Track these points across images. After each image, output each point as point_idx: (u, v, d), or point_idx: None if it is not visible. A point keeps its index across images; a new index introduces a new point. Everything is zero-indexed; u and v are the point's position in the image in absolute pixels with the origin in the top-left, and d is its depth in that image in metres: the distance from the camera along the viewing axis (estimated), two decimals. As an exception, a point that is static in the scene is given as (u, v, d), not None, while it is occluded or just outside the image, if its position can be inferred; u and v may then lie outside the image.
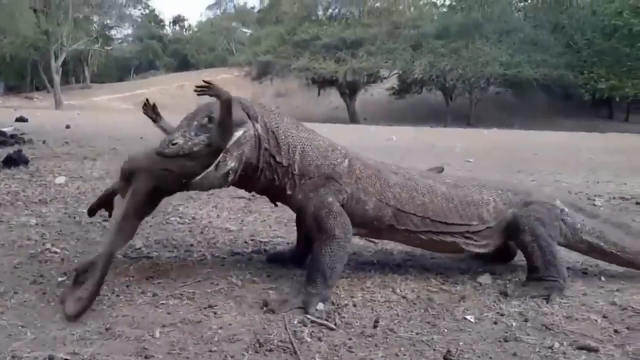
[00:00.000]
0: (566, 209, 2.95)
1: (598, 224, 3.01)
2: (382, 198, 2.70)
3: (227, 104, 2.35)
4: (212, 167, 2.34)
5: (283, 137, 2.57)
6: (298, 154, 2.59)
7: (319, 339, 2.13)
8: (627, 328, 2.33)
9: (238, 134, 2.41)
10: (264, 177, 2.58)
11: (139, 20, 61.55)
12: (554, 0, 34.88)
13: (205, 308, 2.40)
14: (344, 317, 2.35)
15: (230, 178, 2.42)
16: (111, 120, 19.70)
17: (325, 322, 2.27)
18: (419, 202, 2.75)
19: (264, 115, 2.56)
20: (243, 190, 2.78)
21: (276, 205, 2.81)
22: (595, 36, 31.76)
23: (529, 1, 40.60)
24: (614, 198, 5.85)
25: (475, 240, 2.87)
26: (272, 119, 2.58)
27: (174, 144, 2.35)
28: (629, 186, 6.94)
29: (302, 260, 3.08)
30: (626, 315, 2.50)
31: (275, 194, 2.69)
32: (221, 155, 2.36)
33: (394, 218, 2.74)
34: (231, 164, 2.38)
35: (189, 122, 2.44)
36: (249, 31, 62.23)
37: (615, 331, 2.30)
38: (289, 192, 2.61)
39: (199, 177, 2.35)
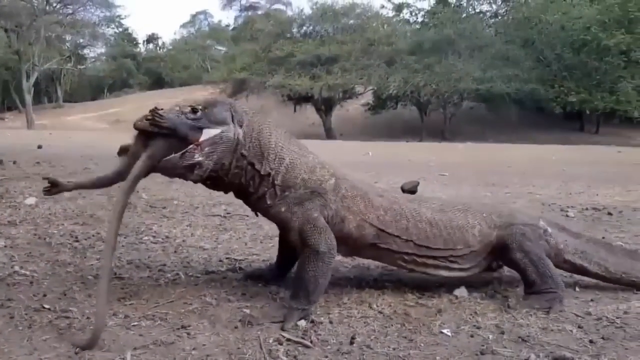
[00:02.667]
0: (549, 229, 2.98)
1: (581, 244, 3.04)
2: (366, 218, 2.69)
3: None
4: (178, 154, 2.34)
5: (273, 147, 2.55)
6: (285, 166, 2.56)
7: (295, 358, 2.10)
8: (602, 338, 2.34)
9: (215, 132, 2.40)
10: (238, 182, 2.55)
11: (112, 38, 61.11)
12: (524, 16, 35.55)
13: (179, 329, 2.35)
14: (320, 334, 2.32)
15: (197, 172, 2.40)
16: (84, 140, 19.46)
17: (301, 340, 2.24)
18: (403, 226, 2.74)
19: (255, 123, 2.55)
20: (217, 209, 2.75)
21: (257, 215, 2.77)
22: (565, 51, 32.43)
23: (500, 17, 41.39)
24: (587, 209, 5.94)
25: (459, 264, 2.87)
26: (264, 128, 2.57)
27: (147, 119, 2.35)
28: (601, 197, 7.06)
29: (281, 277, 3.06)
30: (601, 325, 2.51)
31: (254, 203, 2.65)
32: (191, 146, 2.35)
33: (377, 238, 2.72)
34: (198, 157, 2.37)
35: (172, 107, 2.44)
36: (223, 49, 62.38)
37: (591, 341, 2.30)
38: (268, 202, 2.58)
39: (165, 159, 2.34)
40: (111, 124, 39.95)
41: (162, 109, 2.39)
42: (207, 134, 2.39)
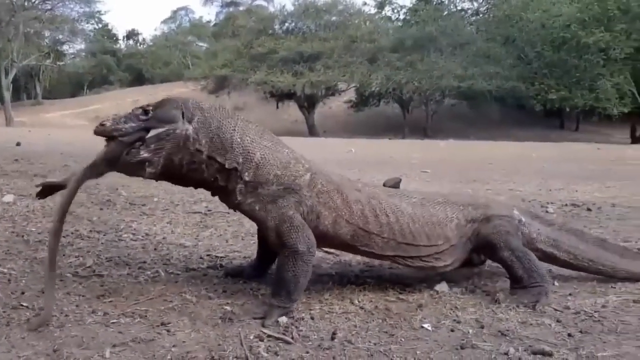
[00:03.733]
0: (523, 219, 3.01)
1: (553, 232, 3.08)
2: (342, 214, 2.67)
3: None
4: (124, 152, 2.41)
5: (238, 141, 2.51)
6: (255, 162, 2.52)
7: (276, 354, 2.09)
8: (580, 331, 2.36)
9: (160, 129, 2.43)
10: (200, 177, 2.53)
11: (92, 34, 60.37)
12: (505, 14, 35.83)
13: (158, 326, 2.32)
14: (301, 331, 2.32)
15: (149, 170, 2.45)
16: (64, 137, 19.22)
17: (282, 336, 2.23)
18: (383, 222, 2.73)
19: (213, 118, 2.51)
20: (198, 206, 2.73)
21: (235, 210, 2.75)
22: (545, 48, 32.75)
23: (481, 15, 41.71)
24: (566, 205, 6.00)
25: (443, 260, 2.87)
26: (225, 123, 2.52)
27: (101, 125, 2.42)
28: (580, 193, 7.14)
29: (262, 274, 3.04)
30: (579, 319, 2.54)
31: (225, 198, 2.62)
32: (136, 143, 2.41)
33: (355, 236, 2.70)
34: (144, 154, 2.41)
35: (128, 111, 2.51)
36: (204, 45, 62.01)
37: (569, 335, 2.32)
38: (239, 198, 2.55)
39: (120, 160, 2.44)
40: (91, 121, 39.47)
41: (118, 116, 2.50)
42: (153, 132, 2.43)
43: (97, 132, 2.44)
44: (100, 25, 62.10)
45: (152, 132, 2.43)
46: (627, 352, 2.17)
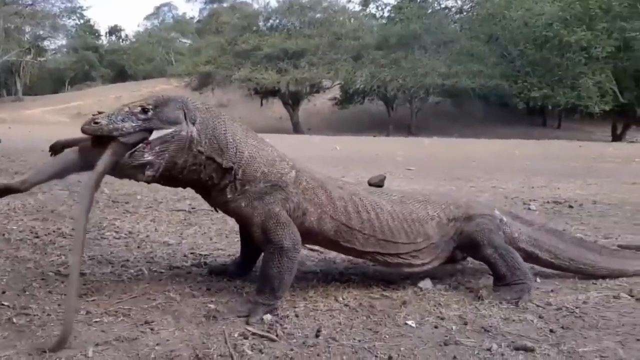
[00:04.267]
0: (504, 218, 3.04)
1: (533, 232, 3.12)
2: (327, 210, 2.68)
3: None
4: (127, 154, 2.28)
5: (231, 141, 2.51)
6: (245, 160, 2.53)
7: (260, 351, 2.09)
8: (562, 327, 2.40)
9: (166, 131, 2.34)
10: (197, 177, 2.49)
11: (74, 30, 59.57)
12: (488, 12, 36.03)
13: (142, 324, 2.31)
14: (285, 328, 2.32)
15: (148, 173, 2.34)
16: (45, 134, 18.96)
17: (266, 334, 2.23)
18: (364, 218, 2.74)
19: (209, 119, 2.49)
20: (182, 204, 2.72)
21: (217, 210, 2.74)
22: (528, 47, 32.97)
23: (465, 13, 41.92)
24: (548, 202, 6.07)
25: (420, 259, 2.88)
26: (219, 123, 2.52)
27: (95, 123, 2.27)
28: (562, 190, 7.23)
29: (246, 272, 3.04)
30: (561, 315, 2.57)
31: (215, 197, 2.61)
32: (140, 145, 2.30)
33: (339, 232, 2.71)
34: (148, 157, 2.31)
35: (122, 108, 2.37)
36: (188, 42, 61.62)
37: (551, 331, 2.35)
38: (229, 196, 2.54)
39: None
40: (72, 118, 39.04)
41: (109, 113, 2.33)
42: (158, 133, 2.33)
43: (89, 131, 2.29)
44: (82, 21, 61.37)
45: (157, 134, 2.32)
46: (607, 347, 2.20)
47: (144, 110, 2.34)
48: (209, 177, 2.51)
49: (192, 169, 2.46)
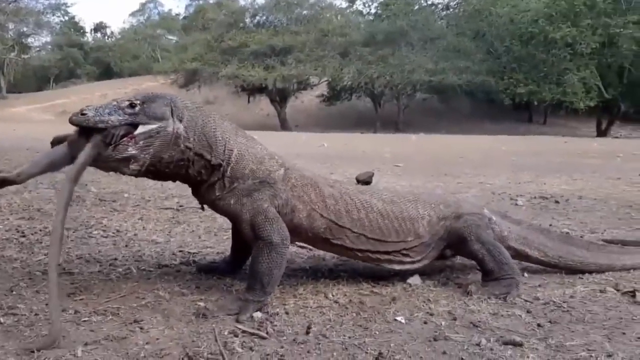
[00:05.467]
0: (494, 218, 3.07)
1: (522, 230, 3.16)
2: (316, 208, 2.69)
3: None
4: (110, 147, 2.30)
5: (220, 138, 2.53)
6: (234, 157, 2.54)
7: (251, 349, 2.09)
8: (550, 322, 2.42)
9: (152, 126, 2.37)
10: (184, 172, 2.51)
11: (58, 27, 58.97)
12: (475, 9, 36.19)
13: (131, 323, 2.30)
14: (276, 326, 2.32)
15: (133, 167, 2.37)
16: (30, 132, 18.79)
17: (256, 332, 2.23)
18: (354, 217, 2.75)
19: (198, 117, 2.51)
20: (169, 202, 2.70)
21: (203, 209, 2.74)
22: (514, 43, 33.16)
23: (451, 10, 42.03)
24: (535, 197, 6.12)
25: (410, 257, 2.90)
26: (208, 121, 2.54)
27: (83, 114, 2.30)
28: (548, 185, 7.29)
29: (236, 270, 3.04)
30: (548, 309, 2.59)
31: (203, 193, 2.61)
32: (124, 139, 2.32)
33: (328, 230, 2.72)
34: (132, 151, 2.33)
35: (110, 101, 2.40)
36: (174, 38, 61.20)
37: (539, 325, 2.38)
38: (217, 194, 2.55)
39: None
40: (58, 116, 38.67)
41: (97, 105, 2.36)
42: (143, 128, 2.36)
43: (76, 122, 2.32)
44: (66, 18, 60.67)
45: (142, 129, 2.35)
46: (594, 340, 2.23)
47: (132, 105, 2.37)
48: (197, 172, 2.53)
49: (180, 164, 2.48)
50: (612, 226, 4.59)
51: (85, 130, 2.34)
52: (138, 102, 2.38)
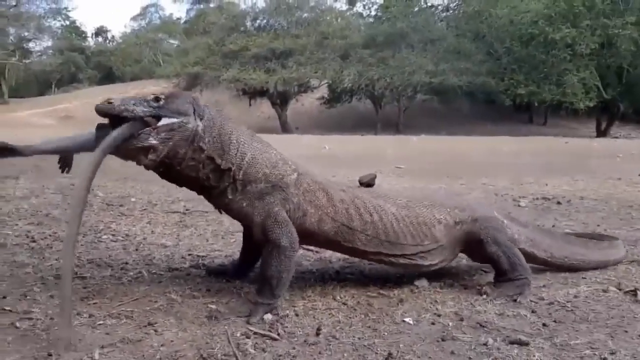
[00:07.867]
0: (505, 221, 3.12)
1: (530, 233, 3.21)
2: (327, 212, 2.73)
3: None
4: (132, 136, 2.37)
5: (234, 143, 2.58)
6: (246, 161, 2.59)
7: (263, 350, 2.14)
8: (555, 321, 2.47)
9: (174, 120, 2.44)
10: (195, 175, 2.55)
11: (59, 32, 59.09)
12: (474, 10, 36.21)
13: (145, 326, 2.35)
14: (286, 327, 2.37)
15: (151, 157, 2.42)
16: (33, 136, 18.81)
17: (268, 333, 2.29)
18: (367, 220, 2.79)
19: (217, 119, 2.58)
20: (176, 205, 2.75)
21: (220, 212, 2.78)
22: (514, 44, 33.15)
23: (451, 11, 42.09)
24: (537, 198, 6.16)
25: (429, 260, 2.95)
26: (226, 125, 2.60)
27: (109, 102, 2.37)
28: (550, 186, 7.33)
29: (245, 273, 3.09)
30: (553, 309, 2.65)
31: (215, 198, 2.66)
32: (147, 128, 2.38)
33: (339, 232, 2.76)
34: (153, 141, 2.39)
35: (136, 95, 2.49)
36: (175, 42, 61.24)
37: (544, 325, 2.43)
38: (229, 197, 2.60)
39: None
40: (60, 120, 38.78)
41: (123, 96, 2.44)
42: (166, 121, 2.43)
43: (102, 110, 2.37)
44: (67, 22, 60.80)
45: (165, 121, 2.42)
46: (597, 339, 2.28)
47: (157, 99, 2.45)
48: (205, 176, 2.57)
49: (190, 164, 2.52)
50: (614, 226, 4.64)
51: (112, 121, 2.40)
52: (163, 96, 2.47)
